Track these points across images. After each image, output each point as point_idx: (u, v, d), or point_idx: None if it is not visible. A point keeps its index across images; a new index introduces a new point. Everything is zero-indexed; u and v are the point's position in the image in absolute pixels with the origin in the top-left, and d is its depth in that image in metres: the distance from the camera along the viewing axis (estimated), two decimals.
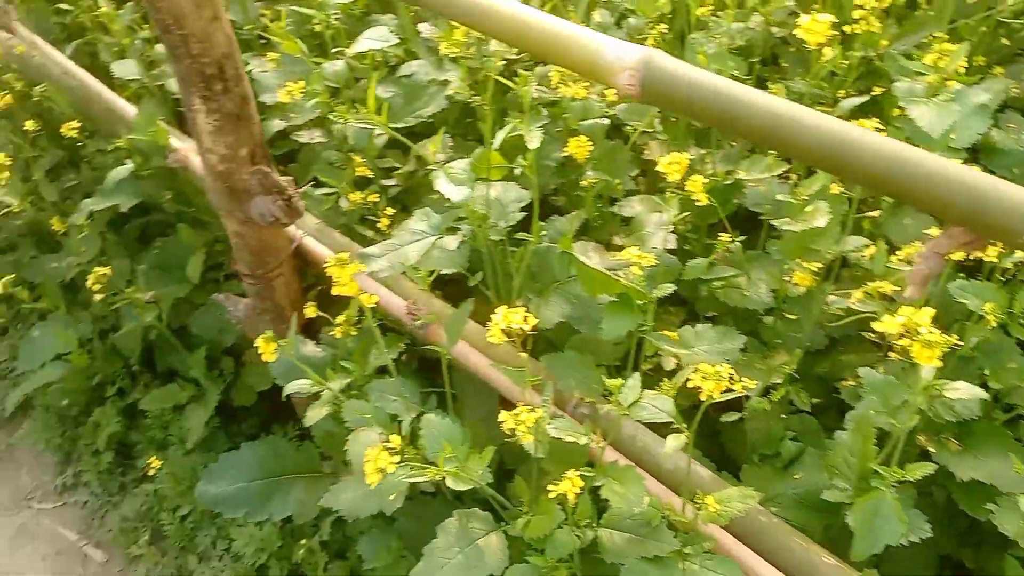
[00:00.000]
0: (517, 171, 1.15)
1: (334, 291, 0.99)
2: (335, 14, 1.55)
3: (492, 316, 0.92)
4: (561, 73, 1.21)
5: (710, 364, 0.85)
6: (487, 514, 1.11)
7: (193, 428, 1.63)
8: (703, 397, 0.84)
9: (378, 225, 1.49)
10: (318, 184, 1.58)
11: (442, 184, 1.07)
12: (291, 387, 1.17)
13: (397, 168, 1.64)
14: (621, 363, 1.35)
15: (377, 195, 1.51)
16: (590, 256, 1.24)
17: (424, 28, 1.66)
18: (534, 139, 1.06)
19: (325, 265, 0.99)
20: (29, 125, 1.66)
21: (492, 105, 1.10)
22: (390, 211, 1.48)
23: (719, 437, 1.41)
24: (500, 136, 1.15)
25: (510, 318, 0.90)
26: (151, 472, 1.61)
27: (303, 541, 1.49)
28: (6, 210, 1.64)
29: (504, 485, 1.22)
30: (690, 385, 0.86)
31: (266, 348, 1.06)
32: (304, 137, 1.67)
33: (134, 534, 1.64)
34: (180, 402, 1.69)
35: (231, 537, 1.54)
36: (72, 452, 1.79)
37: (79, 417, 1.79)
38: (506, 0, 0.76)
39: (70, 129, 1.61)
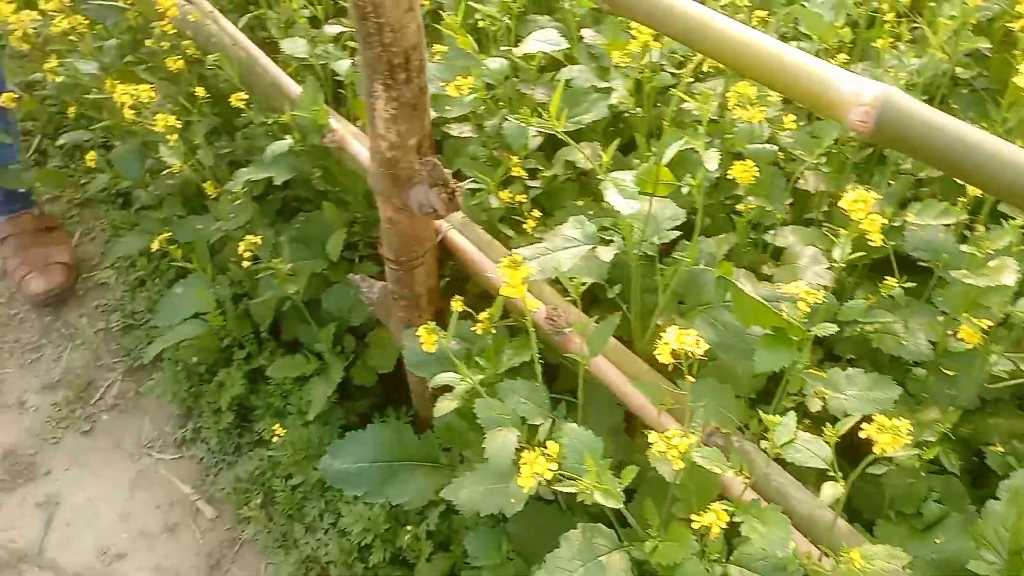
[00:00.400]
0: (685, 190, 1.13)
1: (502, 291, 0.98)
2: (502, 13, 1.56)
3: (661, 334, 0.90)
4: (739, 95, 1.18)
5: (885, 416, 0.81)
6: (611, 531, 1.09)
7: (315, 401, 1.66)
8: (877, 451, 0.81)
9: (523, 226, 1.49)
10: (462, 178, 1.60)
11: (612, 195, 1.06)
12: (440, 379, 1.18)
13: (539, 170, 1.64)
14: (757, 397, 1.31)
15: (524, 196, 1.51)
16: (743, 283, 1.21)
17: (587, 34, 1.65)
18: (712, 160, 1.03)
19: (498, 264, 0.99)
20: (199, 92, 1.73)
21: (669, 122, 1.08)
22: (536, 214, 1.48)
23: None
24: (671, 152, 1.13)
25: (682, 339, 0.88)
26: (273, 439, 1.65)
27: (408, 527, 1.51)
28: (166, 170, 1.70)
29: None
30: (863, 435, 0.82)
31: (428, 339, 1.07)
32: (454, 130, 1.69)
33: (246, 495, 1.69)
34: (304, 373, 1.73)
35: (339, 513, 1.57)
36: (195, 408, 1.86)
37: (205, 375, 1.86)
38: (729, 21, 0.74)
39: (239, 100, 1.66)
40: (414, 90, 1.14)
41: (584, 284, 1.16)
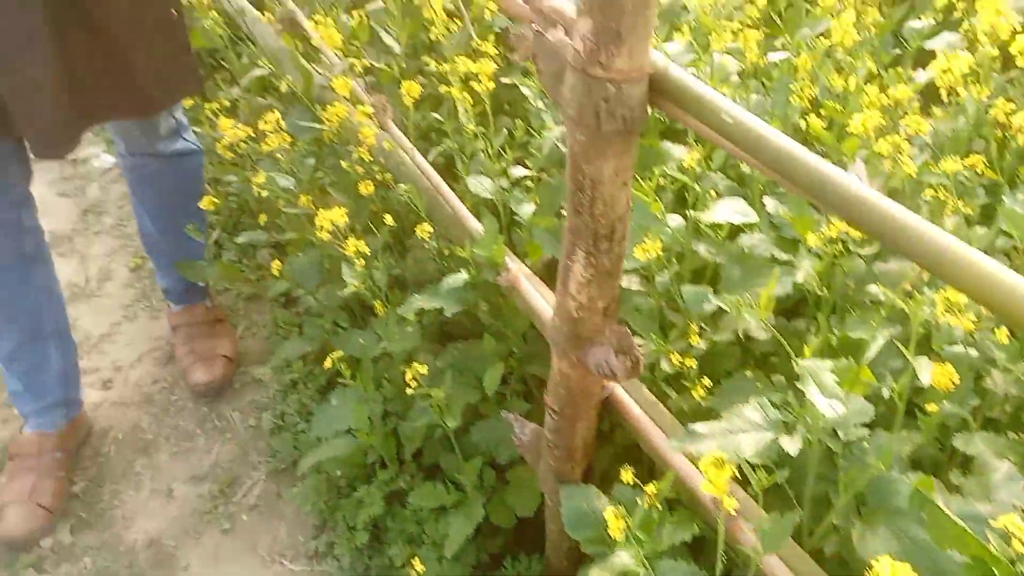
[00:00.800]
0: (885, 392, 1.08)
1: (703, 488, 0.95)
2: (691, 178, 1.58)
3: (874, 564, 0.84)
4: (949, 302, 1.14)
5: None
6: None
7: (453, 537, 1.64)
8: None
9: (692, 392, 1.46)
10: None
11: (814, 394, 1.03)
12: (614, 563, 1.14)
13: (705, 329, 1.62)
14: None
15: (693, 360, 1.49)
16: (937, 498, 1.13)
17: (769, 203, 1.65)
18: (925, 372, 0.99)
19: (701, 462, 0.96)
20: (388, 220, 1.81)
21: (876, 323, 1.04)
22: (707, 382, 1.45)
23: None
24: (873, 351, 1.09)
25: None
26: (411, 573, 1.64)
27: None
28: (345, 289, 1.77)
29: None
30: None
31: (615, 525, 1.05)
32: (624, 281, 1.69)
33: None
34: (444, 504, 1.72)
35: None
36: (330, 521, 1.87)
37: (344, 489, 1.87)
38: (980, 256, 0.72)
39: (424, 232, 1.73)
40: (613, 258, 1.16)
41: (771, 476, 1.10)
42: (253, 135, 1.88)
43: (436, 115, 2.03)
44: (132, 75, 1.63)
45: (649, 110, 1.00)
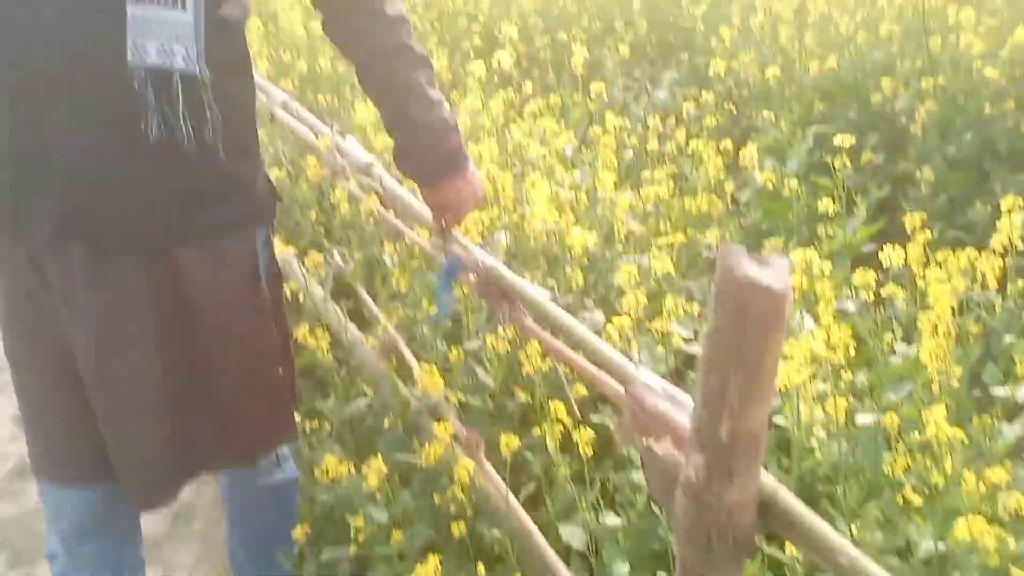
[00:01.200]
0: None
1: None
2: None
3: None
4: None
5: None
6: None
7: None
8: None
9: None
10: None
11: None
12: None
13: None
14: None
15: None
16: None
17: None
18: None
19: None
20: (481, 571, 1.80)
21: None
22: None
23: None
24: None
25: None
26: None
27: None
28: None
29: None
30: None
31: None
32: None
33: None
34: None
35: None
36: None
37: None
38: None
39: None
40: None
41: None
42: (353, 470, 1.95)
43: (526, 452, 2.09)
44: (237, 431, 1.67)
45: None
